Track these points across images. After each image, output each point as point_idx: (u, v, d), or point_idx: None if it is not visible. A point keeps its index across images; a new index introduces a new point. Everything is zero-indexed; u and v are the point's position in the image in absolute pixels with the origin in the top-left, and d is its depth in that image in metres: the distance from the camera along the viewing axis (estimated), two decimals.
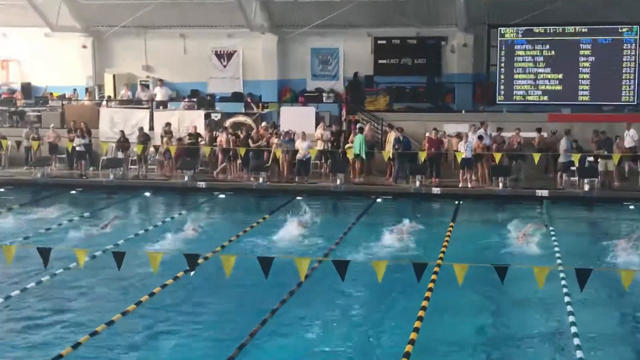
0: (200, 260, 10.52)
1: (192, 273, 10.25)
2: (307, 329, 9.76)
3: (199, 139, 21.48)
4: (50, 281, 11.55)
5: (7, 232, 15.05)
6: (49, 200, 18.66)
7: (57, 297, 11.03)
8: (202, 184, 20.14)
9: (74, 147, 21.52)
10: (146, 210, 18.13)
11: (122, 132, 21.64)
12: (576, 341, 9.02)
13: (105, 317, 9.84)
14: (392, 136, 20.37)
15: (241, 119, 22.37)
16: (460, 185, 19.47)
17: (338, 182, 19.78)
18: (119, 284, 11.51)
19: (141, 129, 21.58)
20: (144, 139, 21.29)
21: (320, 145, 20.74)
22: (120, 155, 21.55)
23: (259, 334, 9.29)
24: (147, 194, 19.68)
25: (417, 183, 19.46)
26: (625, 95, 22.39)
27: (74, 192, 19.88)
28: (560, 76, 22.38)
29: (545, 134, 20.79)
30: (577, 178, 19.16)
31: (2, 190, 20.11)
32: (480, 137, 19.85)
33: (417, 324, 9.43)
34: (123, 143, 21.49)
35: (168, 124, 21.59)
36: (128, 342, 9.30)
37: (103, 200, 19.13)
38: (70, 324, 9.91)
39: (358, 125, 21.36)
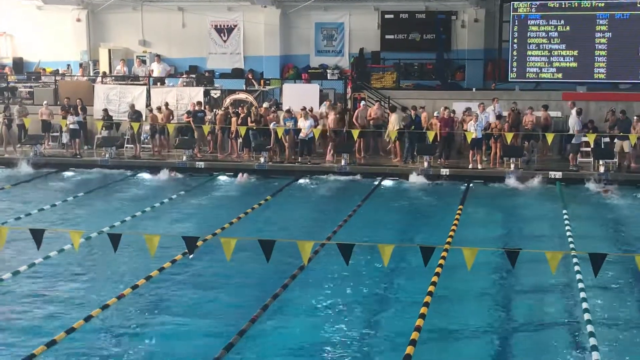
0: (199, 243, 10.36)
1: (191, 256, 10.12)
2: (309, 315, 9.59)
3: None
4: (43, 264, 11.31)
5: None
6: (42, 180, 18.42)
7: (50, 281, 10.79)
8: (201, 164, 19.68)
9: (67, 125, 20.80)
10: (143, 190, 17.58)
11: (105, 110, 21.01)
12: (589, 328, 8.81)
13: (100, 301, 9.67)
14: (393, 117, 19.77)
15: (242, 96, 21.75)
16: (470, 167, 18.89)
17: (343, 162, 19.13)
18: (114, 266, 11.29)
19: (132, 106, 21.01)
20: (136, 116, 20.64)
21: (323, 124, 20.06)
22: (104, 133, 20.91)
23: (260, 319, 9.14)
24: (144, 174, 19.26)
25: (425, 164, 18.82)
26: None
27: (67, 171, 19.51)
28: (575, 53, 21.60)
29: (558, 113, 20.30)
30: (591, 159, 18.70)
31: None
32: (498, 117, 19.18)
33: (423, 310, 9.24)
34: (106, 121, 20.84)
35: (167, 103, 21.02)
36: (123, 328, 9.11)
37: (97, 180, 18.71)
38: (64, 308, 9.68)
39: (362, 103, 20.61)
